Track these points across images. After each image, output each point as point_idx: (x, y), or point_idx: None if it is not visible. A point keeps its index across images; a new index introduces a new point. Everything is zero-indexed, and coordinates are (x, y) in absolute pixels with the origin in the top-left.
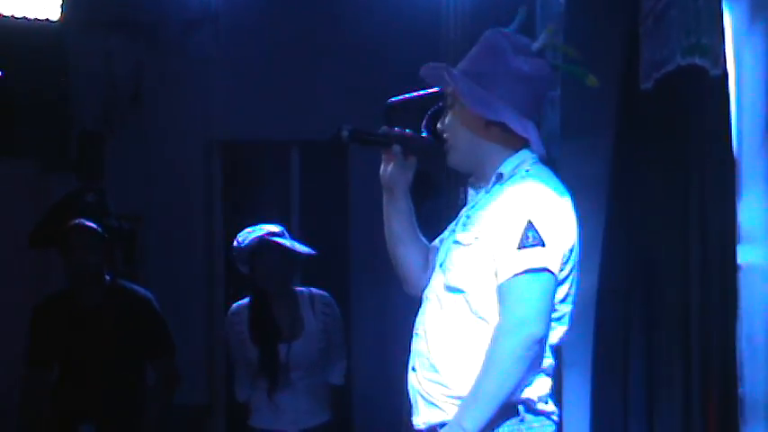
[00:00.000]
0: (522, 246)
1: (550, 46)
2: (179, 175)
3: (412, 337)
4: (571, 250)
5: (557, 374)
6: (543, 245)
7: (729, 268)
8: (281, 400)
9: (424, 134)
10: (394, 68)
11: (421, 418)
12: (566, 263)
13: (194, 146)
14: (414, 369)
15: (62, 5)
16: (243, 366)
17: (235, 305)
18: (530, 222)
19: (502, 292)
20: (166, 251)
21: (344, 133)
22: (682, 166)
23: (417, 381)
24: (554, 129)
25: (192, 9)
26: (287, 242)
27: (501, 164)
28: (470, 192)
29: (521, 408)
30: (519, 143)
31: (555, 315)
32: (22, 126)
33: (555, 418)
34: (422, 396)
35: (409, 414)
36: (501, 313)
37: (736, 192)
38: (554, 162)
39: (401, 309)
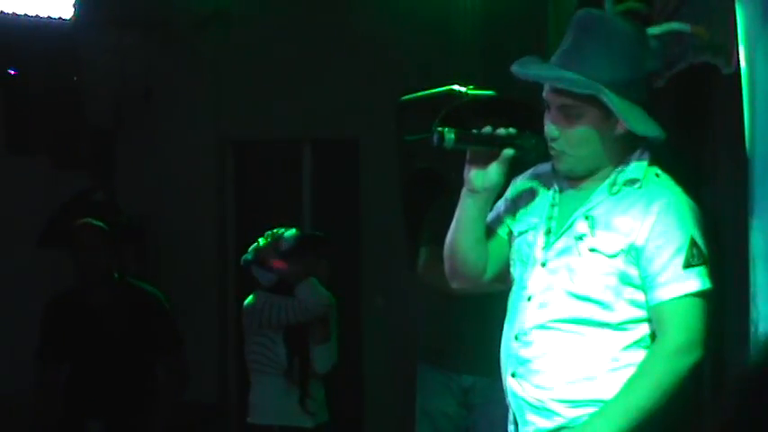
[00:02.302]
0: (689, 264)
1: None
2: (190, 174)
3: (509, 340)
4: None
5: None
6: (707, 264)
7: (742, 268)
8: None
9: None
10: (406, 68)
11: (528, 426)
12: None
13: (206, 144)
14: (514, 375)
15: (74, 4)
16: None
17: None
18: (692, 239)
19: (666, 309)
20: (178, 250)
21: (450, 136)
22: (694, 165)
23: (521, 387)
24: None
25: (204, 7)
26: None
27: (624, 165)
28: (555, 187)
29: None
30: (635, 139)
31: None
32: (34, 124)
33: None
34: (527, 403)
35: (506, 421)
36: (667, 332)
37: (748, 190)
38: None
39: (411, 307)
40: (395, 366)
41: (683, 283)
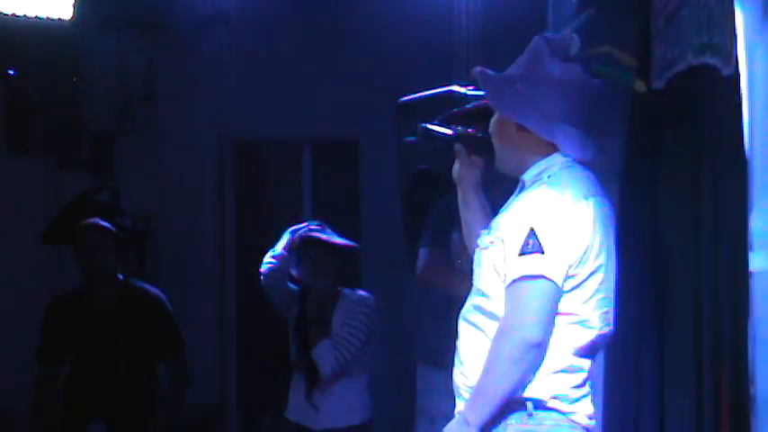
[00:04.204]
0: (522, 252)
1: (599, 52)
2: (191, 174)
3: None
4: (585, 255)
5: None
6: (542, 252)
7: (741, 267)
8: (313, 399)
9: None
10: (406, 67)
11: (457, 408)
12: (577, 267)
13: (207, 145)
14: (455, 364)
15: (75, 5)
16: None
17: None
18: (532, 229)
19: (505, 296)
20: (178, 250)
21: (419, 129)
22: (694, 166)
23: (455, 373)
24: None
25: (205, 8)
26: (324, 235)
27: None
28: None
29: (529, 404)
30: (553, 148)
31: (574, 319)
32: (34, 125)
33: (577, 418)
34: (456, 388)
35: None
36: (503, 316)
37: (748, 190)
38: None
39: (411, 307)
40: (395, 367)
41: (514, 269)
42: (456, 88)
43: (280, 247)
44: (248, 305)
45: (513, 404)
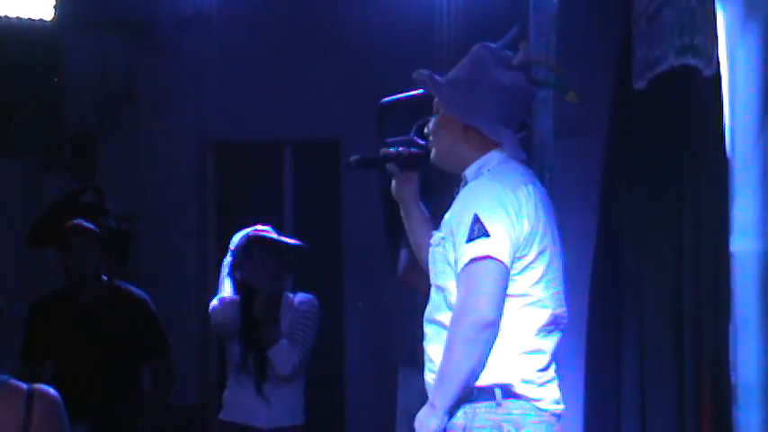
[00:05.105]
0: (469, 239)
1: (536, 62)
2: (172, 175)
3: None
4: (530, 237)
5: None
6: (488, 236)
7: (721, 268)
8: (258, 398)
9: (412, 148)
10: (387, 69)
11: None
12: (524, 249)
13: (188, 145)
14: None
15: (56, 5)
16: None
17: (226, 297)
18: (476, 216)
19: (457, 283)
20: (159, 251)
21: (352, 161)
22: (675, 166)
23: (425, 373)
24: (547, 129)
25: (186, 9)
26: (274, 235)
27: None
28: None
29: (497, 391)
30: (493, 147)
31: (529, 300)
32: (15, 126)
33: (544, 405)
34: (428, 385)
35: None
36: (456, 301)
37: (728, 191)
38: (541, 162)
39: (393, 307)
40: (376, 367)
41: (465, 254)
42: None
43: (226, 289)
44: None
45: (481, 393)
